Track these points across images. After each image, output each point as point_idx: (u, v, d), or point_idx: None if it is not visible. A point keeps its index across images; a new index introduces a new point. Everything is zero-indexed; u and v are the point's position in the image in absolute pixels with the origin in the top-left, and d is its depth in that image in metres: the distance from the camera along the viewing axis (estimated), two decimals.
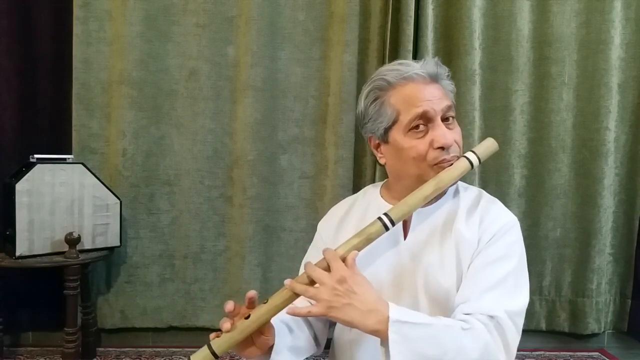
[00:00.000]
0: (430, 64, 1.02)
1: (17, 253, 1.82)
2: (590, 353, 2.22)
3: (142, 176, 2.15)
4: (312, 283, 0.88)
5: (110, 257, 2.10)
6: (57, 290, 1.89)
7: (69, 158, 1.96)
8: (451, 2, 2.12)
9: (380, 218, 0.92)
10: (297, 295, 0.89)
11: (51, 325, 2.10)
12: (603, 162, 2.14)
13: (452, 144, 0.98)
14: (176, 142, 2.16)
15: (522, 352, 2.19)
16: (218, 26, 2.13)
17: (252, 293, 0.92)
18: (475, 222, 0.99)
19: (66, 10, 2.09)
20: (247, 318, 0.89)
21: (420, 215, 1.04)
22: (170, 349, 2.17)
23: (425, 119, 0.98)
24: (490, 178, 2.17)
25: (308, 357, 1.09)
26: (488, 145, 1.00)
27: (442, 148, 0.97)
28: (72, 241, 1.84)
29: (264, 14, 2.11)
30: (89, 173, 1.97)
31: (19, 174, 1.86)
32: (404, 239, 1.03)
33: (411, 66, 1.01)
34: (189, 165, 2.16)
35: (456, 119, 1.05)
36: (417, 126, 0.98)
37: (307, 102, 2.17)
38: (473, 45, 2.08)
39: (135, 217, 2.15)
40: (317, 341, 1.12)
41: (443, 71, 1.03)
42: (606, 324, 2.24)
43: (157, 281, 2.17)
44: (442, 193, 1.05)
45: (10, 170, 1.97)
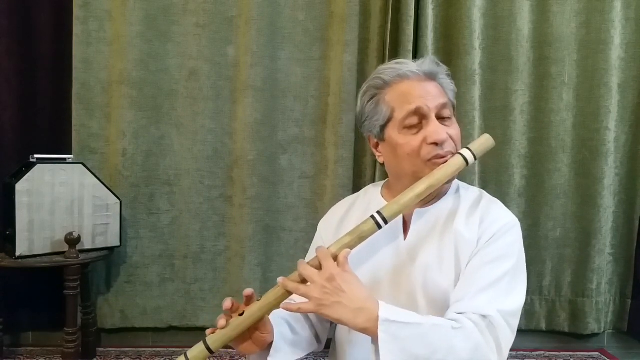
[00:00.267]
0: (427, 63, 1.02)
1: (17, 253, 1.82)
2: (590, 353, 2.22)
3: (142, 176, 2.15)
4: (305, 281, 0.89)
5: (110, 257, 2.10)
6: (57, 290, 1.89)
7: (69, 158, 1.96)
8: (451, 2, 2.12)
9: (372, 216, 0.93)
10: (290, 292, 0.90)
11: (51, 325, 2.10)
12: (603, 162, 2.14)
13: (446, 140, 0.97)
14: (176, 142, 2.16)
15: (522, 352, 2.19)
16: (218, 26, 2.13)
17: (250, 291, 0.93)
18: (475, 222, 0.99)
19: (66, 10, 2.09)
20: (242, 315, 0.91)
21: (420, 215, 1.04)
22: (170, 349, 2.17)
23: (419, 116, 0.98)
24: (490, 178, 2.17)
25: (308, 356, 1.10)
26: (483, 141, 0.99)
27: (436, 144, 0.96)
28: (72, 241, 1.84)
29: (264, 14, 2.11)
30: (89, 173, 1.97)
31: (19, 174, 1.86)
32: (404, 239, 1.03)
33: (407, 65, 1.02)
34: (189, 165, 2.16)
35: (456, 119, 1.04)
36: (412, 123, 0.98)
37: (307, 102, 2.17)
38: (473, 45, 2.08)
39: (135, 217, 2.15)
40: (318, 339, 1.12)
41: (441, 70, 1.03)
42: (606, 324, 2.24)
43: (157, 281, 2.17)
44: (443, 193, 1.05)
45: (10, 170, 1.97)
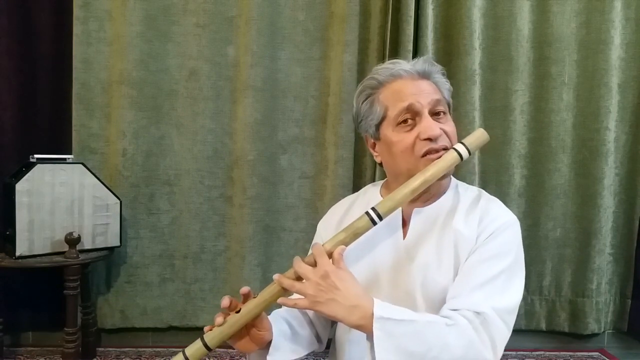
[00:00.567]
0: (420, 62, 1.03)
1: (17, 253, 1.82)
2: (590, 353, 2.22)
3: (142, 176, 2.15)
4: (300, 278, 0.90)
5: (110, 257, 2.10)
6: (57, 290, 1.89)
7: (69, 158, 1.96)
8: (451, 2, 2.12)
9: (367, 213, 0.93)
10: (286, 289, 0.90)
11: (51, 325, 2.10)
12: (603, 162, 2.14)
13: (440, 135, 0.98)
14: (176, 142, 2.16)
15: (522, 352, 2.19)
16: (218, 26, 2.13)
17: (246, 289, 0.94)
18: (474, 220, 0.99)
19: (66, 10, 2.09)
20: (238, 312, 0.91)
21: (419, 214, 1.04)
22: (170, 349, 2.17)
23: (412, 113, 0.99)
24: (490, 178, 2.17)
25: (308, 355, 1.10)
26: (478, 136, 0.99)
27: (430, 139, 0.97)
28: (72, 241, 1.84)
29: (264, 14, 2.11)
30: (89, 173, 1.97)
31: (19, 174, 1.86)
32: (403, 238, 1.03)
33: (400, 64, 1.03)
34: (189, 165, 2.16)
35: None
36: (405, 120, 0.99)
37: (307, 102, 2.17)
38: (473, 45, 2.08)
39: (135, 217, 2.15)
40: (319, 338, 1.12)
41: (435, 69, 1.04)
42: (606, 324, 2.24)
43: (157, 281, 2.17)
44: (441, 192, 1.06)
45: (10, 170, 1.97)
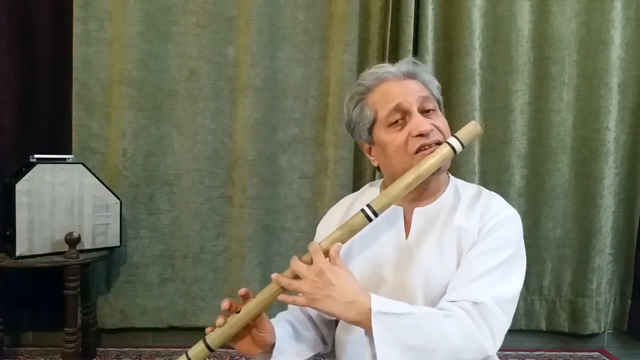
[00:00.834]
0: (404, 63, 1.05)
1: (17, 253, 1.82)
2: (590, 353, 2.22)
3: (142, 176, 2.15)
4: (298, 277, 0.90)
5: (110, 257, 2.10)
6: (57, 290, 1.89)
7: (69, 158, 1.96)
8: (451, 2, 2.12)
9: (363, 210, 0.94)
10: (284, 288, 0.91)
11: (51, 325, 2.10)
12: (603, 162, 2.14)
13: (431, 130, 0.98)
14: (176, 142, 2.16)
15: (522, 352, 2.19)
16: (218, 26, 2.13)
17: (244, 290, 0.95)
18: (476, 216, 1.00)
19: (66, 10, 2.09)
20: (239, 312, 0.92)
21: (420, 213, 1.05)
22: (170, 349, 2.17)
23: (401, 112, 1.00)
24: (490, 178, 2.16)
25: (313, 357, 1.10)
26: (470, 128, 0.98)
27: (421, 135, 0.98)
28: (72, 241, 1.84)
29: (264, 14, 2.11)
30: (89, 173, 1.97)
31: (19, 174, 1.86)
32: (406, 238, 1.04)
33: (385, 67, 1.05)
34: (189, 165, 2.16)
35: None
36: (396, 120, 1.00)
37: (307, 102, 2.17)
38: (473, 45, 2.08)
39: (135, 217, 2.15)
40: (324, 340, 1.13)
41: (420, 68, 1.06)
42: (606, 324, 2.23)
43: (157, 281, 2.17)
44: (441, 190, 1.07)
45: (10, 170, 1.97)
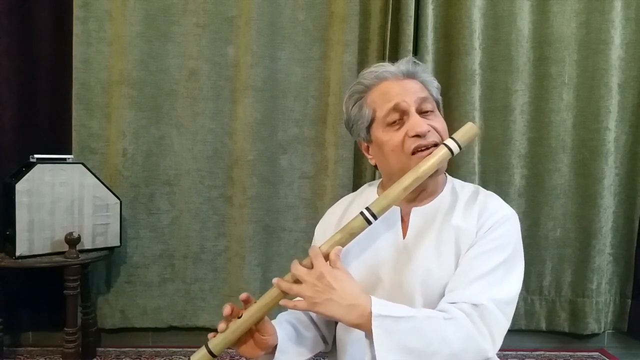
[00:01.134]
0: (403, 62, 1.05)
1: (17, 253, 1.82)
2: (590, 353, 2.22)
3: (142, 176, 2.15)
4: (298, 281, 0.90)
5: (110, 257, 2.10)
6: (57, 290, 1.89)
7: (69, 158, 1.96)
8: (451, 2, 2.11)
9: (362, 212, 0.94)
10: (285, 293, 0.91)
11: (51, 325, 2.10)
12: (603, 162, 2.14)
13: (428, 131, 0.99)
14: (176, 142, 2.16)
15: (522, 352, 2.19)
16: (218, 26, 2.13)
17: (245, 295, 0.96)
18: (473, 216, 1.00)
19: (66, 10, 2.09)
20: (240, 317, 0.92)
21: (418, 214, 1.05)
22: (170, 349, 2.17)
23: (399, 112, 1.00)
24: (490, 178, 2.16)
25: (314, 357, 1.11)
26: (467, 129, 0.99)
27: (418, 136, 0.98)
28: (72, 241, 1.84)
29: (264, 14, 2.11)
30: (89, 173, 1.97)
31: (19, 174, 1.86)
32: (403, 238, 1.04)
33: (385, 66, 1.05)
34: (189, 165, 2.16)
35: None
36: (394, 120, 1.01)
37: (307, 102, 2.17)
38: (473, 45, 2.08)
39: (135, 217, 2.15)
40: (325, 340, 1.13)
41: (419, 68, 1.06)
42: (606, 324, 2.23)
43: (157, 281, 2.17)
44: (439, 190, 1.07)
45: (10, 170, 1.97)
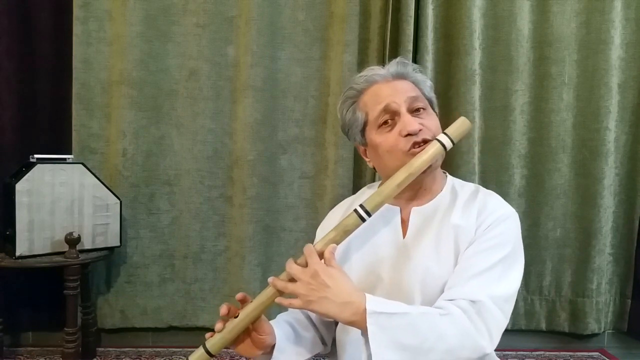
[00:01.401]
0: (393, 64, 1.07)
1: (17, 253, 1.82)
2: (590, 353, 2.22)
3: (142, 176, 2.15)
4: (293, 279, 0.91)
5: (110, 257, 2.10)
6: (57, 290, 1.89)
7: (69, 158, 1.96)
8: (451, 2, 2.11)
9: (355, 210, 0.95)
10: (281, 291, 0.91)
11: (51, 325, 2.10)
12: (603, 162, 2.14)
13: (420, 129, 0.99)
14: (176, 142, 2.16)
15: (522, 352, 2.19)
16: (218, 26, 2.13)
17: (242, 295, 0.96)
18: (473, 214, 1.00)
19: (66, 10, 2.09)
20: (237, 317, 0.93)
21: (418, 213, 1.05)
22: (170, 349, 2.18)
23: (390, 113, 1.01)
24: (490, 178, 2.16)
25: (313, 357, 1.11)
26: (460, 124, 1.00)
27: (411, 135, 0.99)
28: (72, 241, 1.84)
29: (264, 14, 2.11)
30: (89, 173, 1.97)
31: (19, 174, 1.86)
32: (403, 238, 1.04)
33: (375, 70, 1.07)
34: (189, 165, 2.16)
35: (436, 112, 1.08)
36: (386, 121, 1.02)
37: (307, 102, 2.17)
38: (473, 45, 2.08)
39: (135, 217, 2.15)
40: (323, 341, 1.13)
41: (409, 68, 1.07)
42: (606, 324, 2.23)
43: (157, 281, 2.17)
44: (438, 190, 1.07)
45: (10, 170, 1.97)
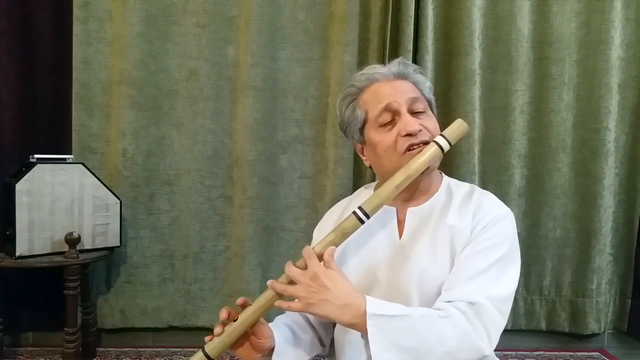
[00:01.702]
0: (395, 63, 1.07)
1: (17, 253, 1.82)
2: (590, 353, 2.22)
3: (142, 176, 2.15)
4: (292, 282, 0.90)
5: (110, 257, 2.10)
6: (57, 290, 1.89)
7: (69, 158, 1.96)
8: (451, 2, 2.11)
9: (354, 212, 0.94)
10: (280, 294, 0.91)
11: (51, 325, 2.09)
12: (603, 162, 2.14)
13: (419, 130, 0.99)
14: (176, 142, 2.16)
15: (522, 352, 2.19)
16: (218, 26, 2.13)
17: (242, 300, 0.96)
18: (468, 215, 1.00)
19: (66, 10, 2.09)
20: (236, 321, 0.93)
21: (414, 214, 1.05)
22: (170, 349, 2.18)
23: (391, 112, 1.01)
24: (490, 178, 2.16)
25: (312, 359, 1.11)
26: (457, 126, 0.99)
27: (410, 135, 0.99)
28: (72, 241, 1.84)
29: (264, 14, 2.11)
30: (89, 173, 1.97)
31: (19, 174, 1.86)
32: (399, 238, 1.04)
33: (376, 68, 1.07)
34: (189, 165, 2.16)
35: (435, 114, 1.08)
36: (385, 120, 1.02)
37: (307, 102, 2.17)
38: (473, 45, 2.08)
39: (135, 217, 2.15)
40: (322, 342, 1.13)
41: (410, 68, 1.07)
42: (606, 324, 2.23)
43: (157, 281, 2.17)
44: (434, 190, 1.07)
45: (10, 170, 1.97)
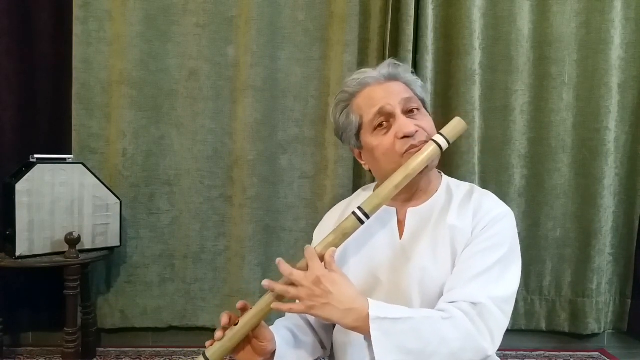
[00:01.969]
0: (384, 66, 1.06)
1: (17, 253, 1.82)
2: (590, 353, 2.22)
3: (142, 176, 2.14)
4: (293, 283, 0.90)
5: (110, 257, 2.10)
6: (57, 290, 1.89)
7: (69, 158, 1.96)
8: (451, 2, 2.11)
9: (354, 212, 0.94)
10: (280, 297, 0.90)
11: (51, 325, 2.10)
12: (603, 162, 2.14)
13: (416, 131, 0.99)
14: (176, 142, 2.16)
15: (522, 352, 2.19)
16: (218, 26, 2.13)
17: (242, 303, 0.95)
18: (468, 215, 1.00)
19: (66, 10, 2.09)
20: (237, 325, 0.92)
21: (414, 214, 1.05)
22: (170, 349, 2.18)
23: (385, 115, 1.01)
24: (490, 178, 2.16)
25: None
26: (455, 125, 0.99)
27: (407, 137, 0.99)
28: (72, 241, 1.84)
29: (264, 14, 2.11)
30: (89, 173, 1.97)
31: (19, 174, 1.86)
32: (400, 239, 1.04)
33: (367, 72, 1.07)
34: (189, 165, 2.16)
35: (429, 112, 1.08)
36: (380, 124, 1.02)
37: (307, 102, 2.17)
38: (473, 45, 2.08)
39: (135, 217, 2.15)
40: (323, 344, 1.13)
41: (401, 69, 1.07)
42: (606, 324, 2.23)
43: (157, 281, 2.17)
44: (434, 190, 1.07)
45: (10, 170, 1.97)
